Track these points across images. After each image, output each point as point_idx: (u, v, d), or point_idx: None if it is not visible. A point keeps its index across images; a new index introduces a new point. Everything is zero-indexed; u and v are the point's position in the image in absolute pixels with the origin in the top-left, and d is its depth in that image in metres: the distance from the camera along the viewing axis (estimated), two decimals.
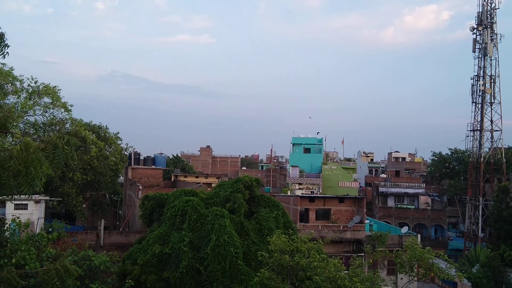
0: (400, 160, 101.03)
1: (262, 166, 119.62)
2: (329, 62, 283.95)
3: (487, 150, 59.81)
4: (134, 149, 54.72)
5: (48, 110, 44.19)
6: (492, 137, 59.47)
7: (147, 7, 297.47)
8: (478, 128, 59.35)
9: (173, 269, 23.96)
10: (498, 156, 59.13)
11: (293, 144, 75.66)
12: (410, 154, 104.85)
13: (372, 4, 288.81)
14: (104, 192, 54.01)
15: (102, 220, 38.12)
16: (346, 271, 19.62)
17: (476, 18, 59.61)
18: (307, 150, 75.11)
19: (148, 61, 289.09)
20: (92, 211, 51.77)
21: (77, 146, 41.56)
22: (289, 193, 54.49)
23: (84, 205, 48.26)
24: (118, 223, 54.62)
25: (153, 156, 55.49)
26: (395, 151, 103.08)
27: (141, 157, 53.37)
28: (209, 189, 41.06)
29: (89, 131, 47.26)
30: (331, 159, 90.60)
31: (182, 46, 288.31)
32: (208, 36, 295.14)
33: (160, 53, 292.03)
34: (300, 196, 40.10)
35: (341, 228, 37.55)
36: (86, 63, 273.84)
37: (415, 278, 24.11)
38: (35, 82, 43.18)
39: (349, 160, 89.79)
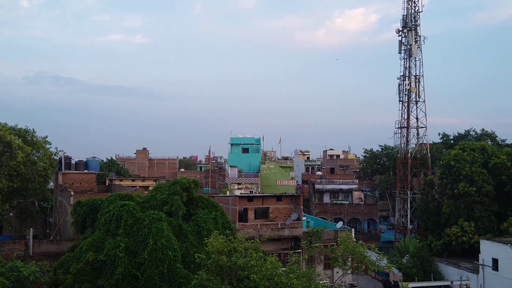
0: (335, 158, 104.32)
1: (200, 167, 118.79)
2: (266, 63, 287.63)
3: (413, 146, 63.49)
4: (64, 153, 52.37)
5: None
6: (418, 134, 63.32)
7: (75, 6, 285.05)
8: (405, 126, 62.83)
9: (108, 276, 23.29)
10: (424, 152, 62.89)
11: (232, 145, 75.78)
12: (343, 151, 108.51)
13: (304, 6, 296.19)
14: (33, 199, 51.62)
15: (31, 229, 36.38)
16: (284, 268, 20.02)
17: (401, 21, 63.10)
18: (245, 150, 75.54)
19: (80, 62, 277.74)
20: (20, 219, 49.19)
21: (1, 151, 39.24)
22: (228, 194, 54.56)
23: (11, 214, 46.00)
24: (48, 231, 52.33)
25: (85, 160, 53.51)
26: (330, 149, 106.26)
27: (73, 162, 51.54)
28: (146, 192, 40.28)
29: (14, 136, 44.78)
30: (269, 159, 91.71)
31: (115, 46, 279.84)
32: (141, 36, 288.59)
33: (92, 53, 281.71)
34: (239, 196, 40.31)
35: (279, 226, 38.25)
36: (11, 64, 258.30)
37: (349, 271, 25.11)
38: None
39: (286, 159, 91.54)
